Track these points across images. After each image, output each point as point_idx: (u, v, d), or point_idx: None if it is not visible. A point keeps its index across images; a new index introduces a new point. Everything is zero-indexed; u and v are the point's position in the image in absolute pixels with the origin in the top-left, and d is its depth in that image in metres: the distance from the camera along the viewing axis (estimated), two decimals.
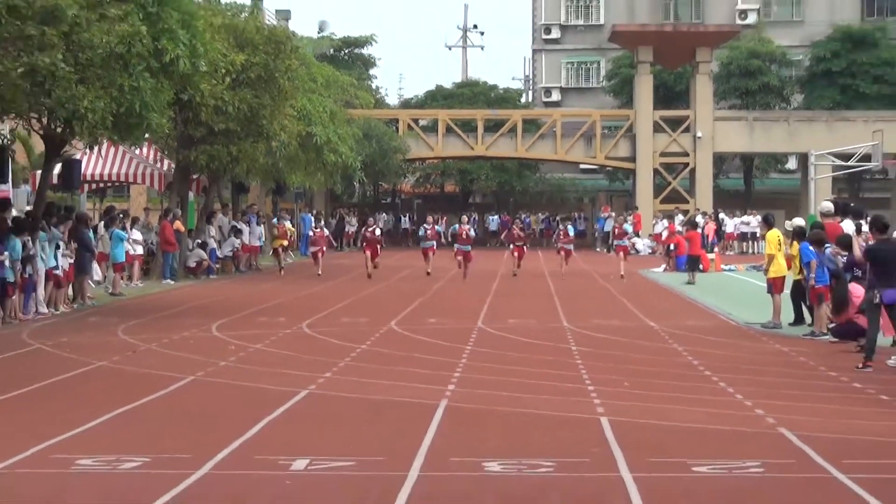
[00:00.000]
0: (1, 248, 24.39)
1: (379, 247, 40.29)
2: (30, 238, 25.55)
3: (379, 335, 22.23)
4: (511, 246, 40.81)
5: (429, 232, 41.75)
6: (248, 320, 25.07)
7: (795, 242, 23.03)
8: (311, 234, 46.92)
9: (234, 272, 42.54)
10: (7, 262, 24.41)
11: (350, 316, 26.01)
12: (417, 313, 26.58)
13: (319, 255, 41.86)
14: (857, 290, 19.28)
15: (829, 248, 21.32)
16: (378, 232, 42.56)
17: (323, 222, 53.63)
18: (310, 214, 55.77)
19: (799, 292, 23.34)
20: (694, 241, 40.67)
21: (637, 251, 50.89)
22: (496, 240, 64.20)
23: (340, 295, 31.86)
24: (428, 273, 39.31)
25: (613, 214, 61.76)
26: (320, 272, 40.22)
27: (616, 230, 40.13)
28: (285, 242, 44.22)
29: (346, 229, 65.13)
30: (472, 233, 41.34)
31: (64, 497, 9.74)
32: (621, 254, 39.69)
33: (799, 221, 26.17)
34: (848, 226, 21.42)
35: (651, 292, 33.61)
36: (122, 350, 19.96)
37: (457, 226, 42.08)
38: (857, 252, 19.17)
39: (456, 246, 39.74)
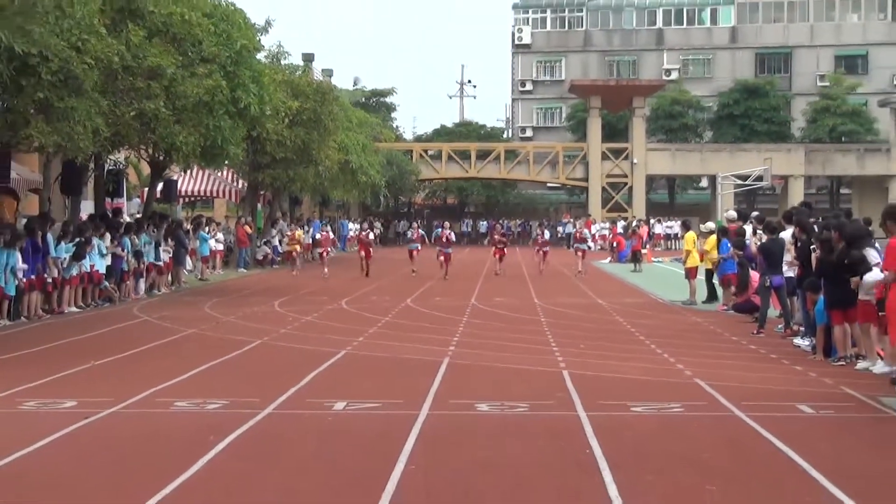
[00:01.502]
0: (120, 246, 24.44)
1: (371, 248, 34.55)
2: (136, 237, 25.62)
3: (398, 310, 22.21)
4: (493, 249, 35.95)
5: (413, 235, 37.75)
6: (300, 299, 25.06)
7: (712, 239, 23.08)
8: (318, 236, 41.11)
9: (311, 260, 42.38)
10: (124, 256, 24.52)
11: (377, 296, 26.00)
12: (427, 294, 26.59)
13: (324, 255, 36.20)
14: (753, 276, 19.25)
15: (730, 248, 21.34)
16: (371, 236, 37.81)
17: (330, 226, 47.93)
18: (348, 220, 55.74)
19: (711, 277, 23.44)
20: (638, 240, 40.95)
21: (590, 247, 50.57)
22: (485, 238, 64.64)
23: (369, 281, 31.84)
24: (413, 272, 33.80)
25: (573, 220, 61.86)
26: (326, 270, 33.84)
27: (577, 235, 38.51)
28: (298, 247, 37.95)
29: (374, 232, 65.24)
30: (453, 237, 35.82)
31: (166, 429, 9.76)
32: (580, 254, 35.65)
33: (710, 225, 26.23)
34: (748, 228, 21.36)
35: (600, 278, 33.58)
36: (207, 321, 19.97)
37: (439, 230, 36.21)
38: (753, 248, 19.16)
39: (438, 248, 34.00)
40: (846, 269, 13.44)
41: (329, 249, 37.57)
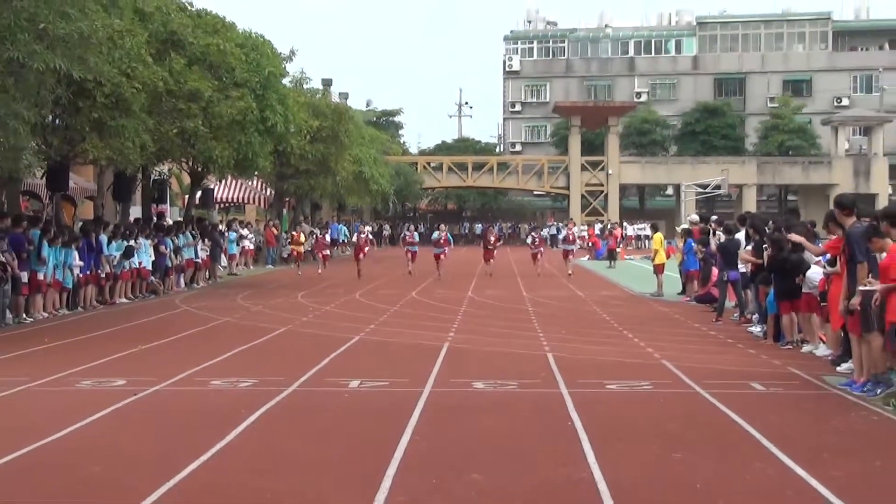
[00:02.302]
0: (163, 245, 24.43)
1: (367, 248, 32.96)
2: (177, 238, 25.62)
3: (404, 301, 22.20)
4: (484, 251, 32.37)
5: (408, 237, 34.50)
6: (320, 291, 25.05)
7: (682, 238, 23.11)
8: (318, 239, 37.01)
9: (312, 260, 42.21)
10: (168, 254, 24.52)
11: (386, 289, 25.99)
12: (430, 287, 26.55)
13: (322, 256, 33.37)
14: (714, 272, 19.25)
15: (694, 245, 21.34)
16: (369, 238, 36.32)
17: (329, 229, 43.54)
18: (360, 223, 55.58)
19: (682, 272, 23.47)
20: (613, 240, 40.99)
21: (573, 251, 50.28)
22: (481, 239, 64.14)
23: (379, 276, 31.81)
24: (409, 273, 31.30)
25: (556, 223, 61.85)
26: (320, 270, 32.11)
27: (569, 237, 35.58)
28: (301, 248, 35.45)
29: (383, 233, 65.17)
30: (450, 239, 33.09)
31: (204, 404, 9.76)
32: (570, 257, 33.02)
33: (685, 225, 26.23)
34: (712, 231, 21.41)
35: (579, 274, 33.51)
36: (239, 310, 19.97)
37: (436, 233, 33.08)
38: (713, 246, 19.16)
39: (434, 250, 31.17)
40: (793, 266, 13.46)
41: (327, 252, 34.42)
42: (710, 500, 6.37)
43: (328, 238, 43.73)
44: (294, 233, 37.03)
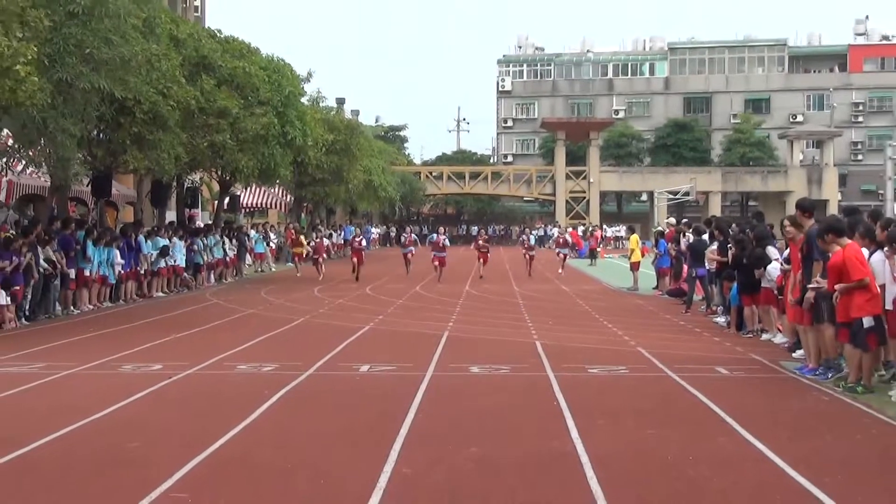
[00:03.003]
0: (195, 245, 24.42)
1: (363, 253, 28.22)
2: (207, 239, 25.62)
3: (409, 295, 22.19)
4: (477, 253, 29.41)
5: (406, 240, 31.11)
6: (334, 286, 25.03)
7: (656, 239, 23.12)
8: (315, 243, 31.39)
9: (328, 258, 42.06)
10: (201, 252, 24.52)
11: (393, 283, 25.98)
12: (432, 283, 26.52)
13: (320, 259, 29.00)
14: (684, 269, 19.25)
15: (668, 245, 21.34)
16: (364, 243, 31.58)
17: (323, 233, 37.15)
18: (371, 226, 55.54)
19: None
20: (594, 241, 41.02)
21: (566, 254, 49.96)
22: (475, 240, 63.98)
23: (388, 272, 31.77)
24: (406, 275, 28.60)
25: (543, 225, 61.87)
26: (321, 277, 27.70)
27: (561, 240, 33.61)
28: (301, 251, 31.23)
29: (390, 234, 65.10)
30: (447, 242, 29.69)
31: (231, 385, 9.75)
32: (561, 257, 31.59)
33: (661, 228, 26.21)
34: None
35: (564, 271, 33.52)
36: (263, 303, 19.97)
37: (434, 235, 30.06)
38: (683, 246, 19.16)
39: (433, 253, 27.91)
40: (756, 259, 13.47)
41: (323, 256, 30.11)
42: (680, 470, 6.38)
43: (342, 239, 43.69)
44: (294, 238, 32.35)
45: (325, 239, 31.89)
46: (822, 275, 9.79)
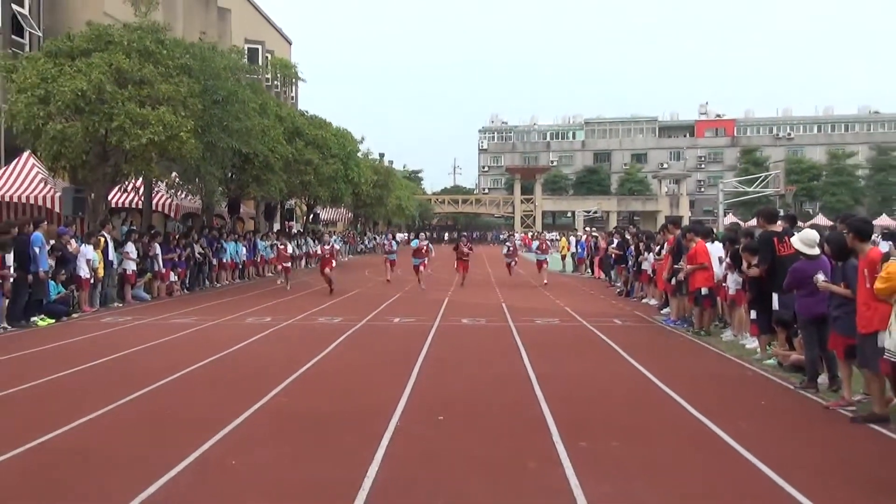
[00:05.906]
0: (293, 245, 24.00)
1: (334, 261, 16.32)
2: (300, 240, 25.39)
3: (411, 289, 21.87)
4: (457, 262, 18.34)
5: (387, 246, 20.48)
6: (378, 271, 24.66)
7: (577, 240, 22.79)
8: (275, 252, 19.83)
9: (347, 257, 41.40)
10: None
11: (404, 275, 25.67)
12: (432, 277, 26.00)
13: (287, 271, 17.57)
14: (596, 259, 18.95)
15: (585, 244, 21.09)
16: (336, 248, 19.67)
17: (296, 242, 24.12)
18: (399, 233, 54.51)
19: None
20: (541, 242, 39.69)
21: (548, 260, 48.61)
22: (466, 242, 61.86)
23: (399, 267, 31.37)
24: (388, 280, 18.74)
25: (512, 233, 61.30)
26: (288, 287, 16.59)
27: (543, 246, 19.65)
28: (288, 263, 17.85)
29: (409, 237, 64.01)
30: (432, 250, 18.70)
31: (314, 331, 9.66)
32: (544, 266, 18.89)
33: (580, 233, 25.57)
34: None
35: (521, 263, 33.25)
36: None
37: (416, 241, 18.80)
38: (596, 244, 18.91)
39: (414, 260, 17.78)
40: (639, 254, 13.39)
41: (287, 265, 17.91)
42: (592, 382, 6.39)
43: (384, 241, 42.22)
44: (280, 247, 18.66)
45: (289, 246, 18.97)
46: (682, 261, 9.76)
